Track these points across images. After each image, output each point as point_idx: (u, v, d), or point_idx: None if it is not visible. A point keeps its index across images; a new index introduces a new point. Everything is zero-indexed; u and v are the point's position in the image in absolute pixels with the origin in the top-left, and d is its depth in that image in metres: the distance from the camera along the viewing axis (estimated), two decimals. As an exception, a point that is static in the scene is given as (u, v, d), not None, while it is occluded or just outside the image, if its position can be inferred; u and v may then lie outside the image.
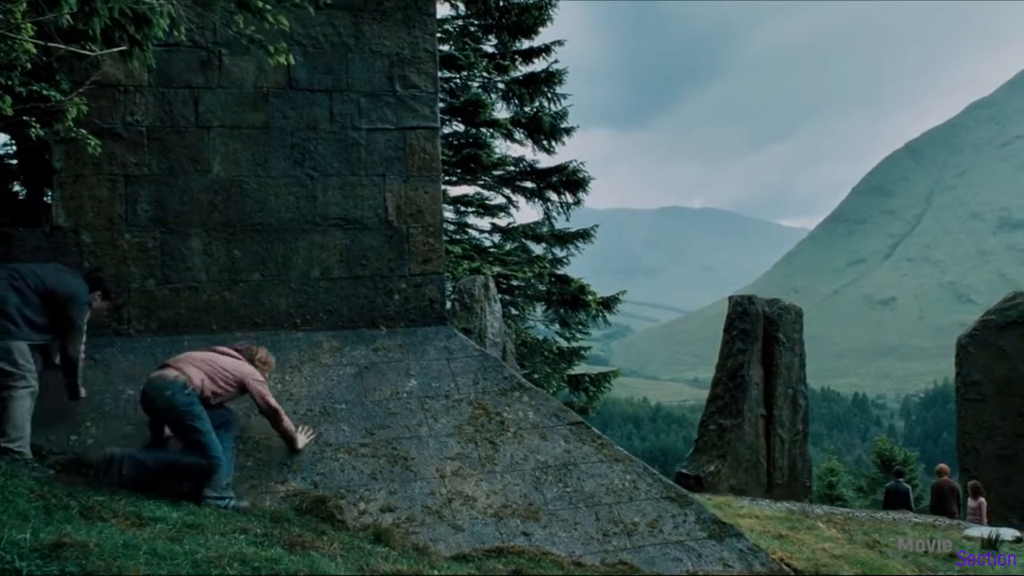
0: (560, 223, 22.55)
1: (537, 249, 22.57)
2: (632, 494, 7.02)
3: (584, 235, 22.79)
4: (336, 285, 8.02)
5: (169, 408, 6.17)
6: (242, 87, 7.85)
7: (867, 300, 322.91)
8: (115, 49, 5.66)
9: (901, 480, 22.14)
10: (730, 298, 23.45)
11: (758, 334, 22.36)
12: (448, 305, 9.93)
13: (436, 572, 5.57)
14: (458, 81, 21.61)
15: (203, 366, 6.42)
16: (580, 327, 22.56)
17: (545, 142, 21.95)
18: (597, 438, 7.52)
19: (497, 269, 19.99)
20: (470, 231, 22.65)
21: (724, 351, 22.71)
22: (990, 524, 18.40)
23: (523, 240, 22.48)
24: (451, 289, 14.86)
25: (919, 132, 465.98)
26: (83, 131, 6.41)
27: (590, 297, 21.53)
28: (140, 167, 7.65)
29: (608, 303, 22.37)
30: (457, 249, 19.32)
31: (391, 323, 8.13)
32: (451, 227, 21.76)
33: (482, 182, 22.29)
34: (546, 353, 21.42)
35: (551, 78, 21.80)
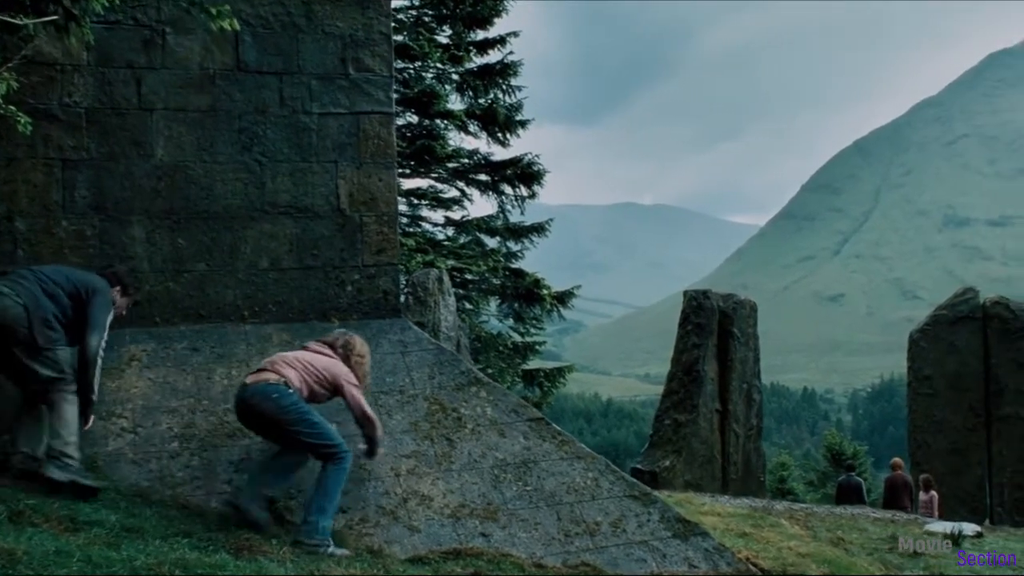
0: (514, 217, 22.34)
1: (491, 243, 22.35)
2: (594, 493, 6.77)
3: (539, 229, 22.61)
4: (286, 276, 7.68)
5: (278, 411, 5.76)
6: (187, 68, 7.47)
7: (816, 296, 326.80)
8: (46, 18, 5.29)
9: (853, 474, 22.20)
10: (685, 293, 23.38)
11: (713, 328, 22.29)
12: (401, 299, 9.62)
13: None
14: (412, 72, 21.30)
15: (299, 367, 6.03)
16: (534, 322, 22.38)
17: (500, 134, 21.73)
18: (557, 435, 7.27)
19: (451, 263, 19.74)
20: (423, 224, 22.38)
21: (679, 346, 22.62)
22: (941, 518, 18.48)
23: (477, 234, 22.27)
24: (404, 282, 14.63)
25: (867, 131, 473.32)
26: (12, 107, 5.99)
27: (545, 291, 21.35)
28: (78, 151, 7.24)
29: (563, 298, 22.21)
30: (411, 242, 19.02)
31: (343, 315, 7.80)
32: (404, 220, 21.45)
33: (436, 175, 22.03)
34: (500, 348, 21.21)
35: (506, 70, 21.56)
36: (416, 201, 21.93)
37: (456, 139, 21.48)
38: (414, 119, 21.05)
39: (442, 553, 6.01)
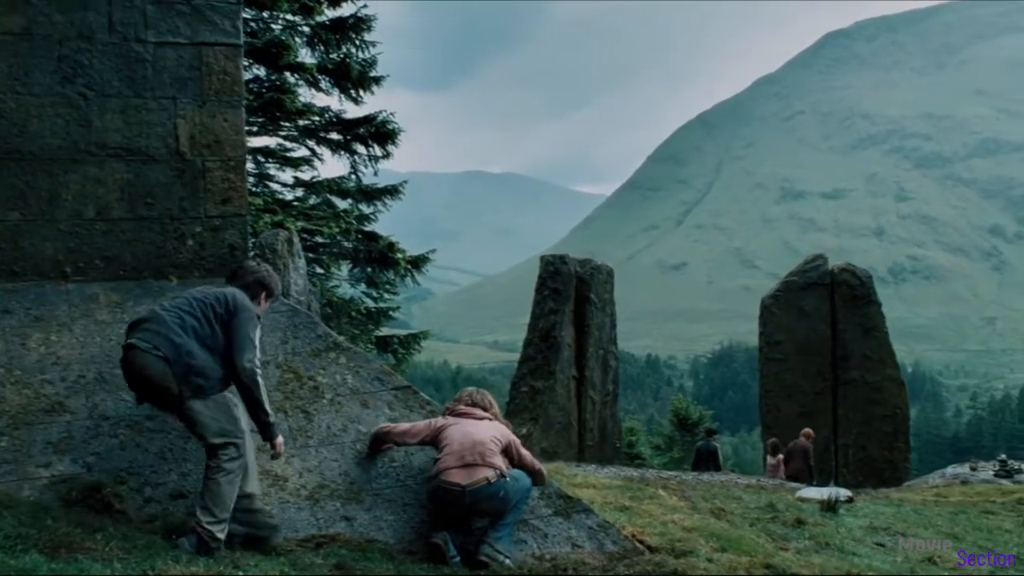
0: (367, 178, 21.45)
1: (343, 205, 21.42)
2: None
3: (392, 191, 21.81)
4: (116, 227, 6.70)
5: (505, 505, 5.64)
6: (-5, -16, 6.40)
7: (660, 265, 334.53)
8: None
9: (711, 439, 22.29)
10: (542, 258, 23.01)
11: (570, 294, 22.02)
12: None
13: (240, 573, 4.55)
14: (260, 22, 20.08)
15: (496, 447, 5.78)
16: (388, 287, 21.64)
17: (353, 91, 20.77)
18: (426, 404, 6.59)
19: (301, 224, 18.76)
20: (271, 184, 21.24)
21: (536, 312, 22.26)
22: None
23: (328, 195, 21.33)
24: (251, 244, 13.69)
25: (710, 104, 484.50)
26: None
27: (399, 255, 20.61)
28: None
29: (417, 262, 21.53)
30: (258, 201, 17.95)
31: (184, 273, 6.89)
32: (251, 179, 20.27)
33: (284, 133, 20.93)
34: (353, 314, 20.37)
35: (360, 24, 20.57)
36: (263, 159, 20.75)
37: (307, 95, 20.40)
38: (261, 72, 19.84)
39: (299, 542, 5.30)
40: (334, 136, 21.19)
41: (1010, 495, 11.95)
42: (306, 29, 20.57)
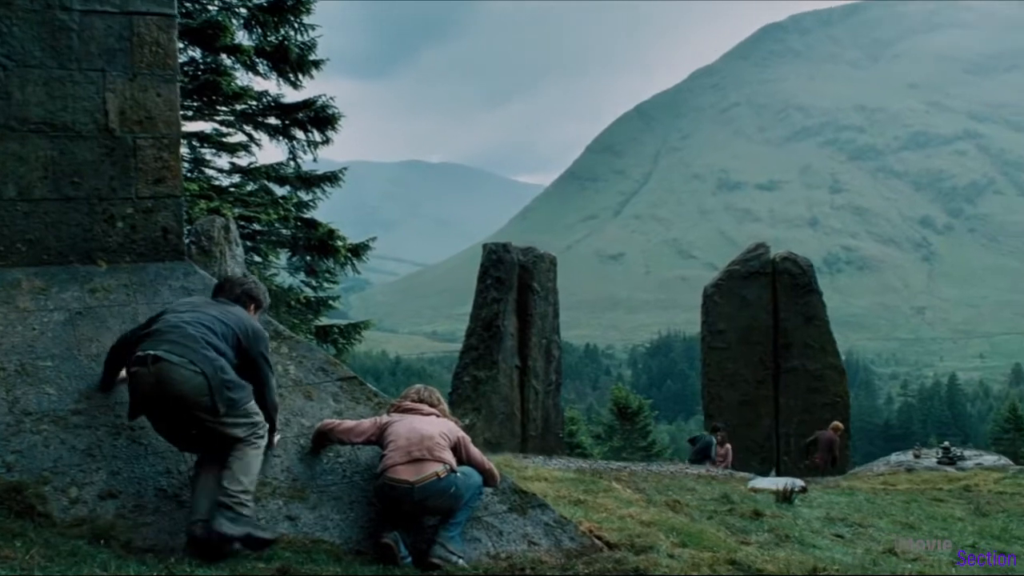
0: (306, 165, 20.93)
1: (281, 192, 20.88)
2: None
3: (332, 178, 21.30)
4: (39, 208, 6.24)
5: (456, 503, 5.38)
6: (-96, -55, 5.91)
7: (598, 255, 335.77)
8: None
9: (713, 434, 21.71)
10: (485, 246, 22.75)
11: (513, 283, 21.80)
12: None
13: (176, 580, 4.20)
14: (195, 2, 19.46)
15: (445, 442, 5.53)
16: (328, 275, 21.15)
17: (292, 75, 20.21)
18: (373, 396, 6.26)
19: (238, 211, 18.21)
20: (207, 170, 20.62)
21: (478, 300, 22.01)
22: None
23: (265, 182, 20.75)
24: (187, 231, 13.27)
25: (648, 95, 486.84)
26: None
27: (340, 243, 20.13)
28: None
29: (357, 250, 21.07)
30: (194, 187, 17.36)
31: (113, 257, 6.46)
32: (186, 164, 19.66)
33: (220, 118, 20.32)
34: (292, 303, 19.86)
35: (298, 6, 20.01)
36: (199, 144, 20.13)
37: (244, 79, 19.81)
38: (197, 54, 19.22)
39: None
40: (272, 121, 20.62)
41: (956, 482, 11.98)
42: (243, 11, 19.96)
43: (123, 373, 5.32)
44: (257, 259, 20.09)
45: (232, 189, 20.00)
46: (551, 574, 5.01)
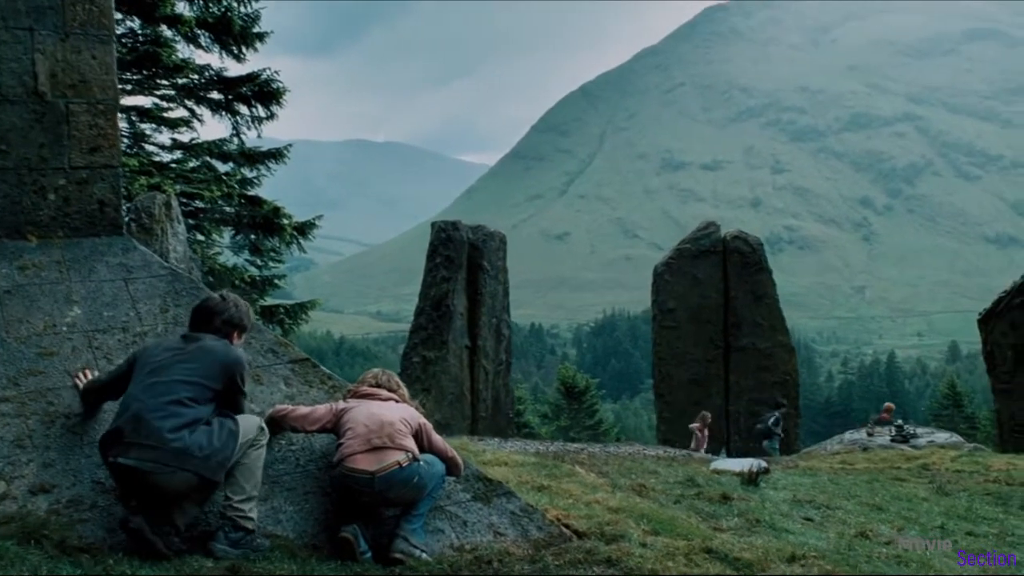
0: (251, 141, 20.39)
1: (224, 169, 20.32)
2: None
3: (277, 155, 20.80)
4: (-38, 179, 5.78)
5: (419, 493, 5.05)
6: None
7: (543, 234, 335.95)
8: None
9: (775, 410, 21.29)
10: (433, 224, 22.40)
11: (462, 262, 21.49)
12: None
13: (115, 582, 3.83)
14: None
15: (406, 428, 5.20)
16: (273, 254, 20.64)
17: (235, 47, 19.68)
18: (327, 379, 5.90)
19: (180, 187, 17.63)
20: (147, 146, 19.98)
21: (427, 280, 21.67)
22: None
23: (208, 158, 20.19)
24: (127, 208, 12.81)
25: (593, 75, 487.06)
26: None
27: (285, 221, 19.65)
28: None
29: (303, 228, 20.63)
30: (133, 163, 16.76)
31: (45, 232, 6.01)
32: (126, 139, 19.02)
33: (161, 92, 19.68)
34: (236, 282, 19.33)
35: (241, -26, 19.42)
36: (139, 119, 19.48)
37: (185, 51, 19.20)
38: (135, 24, 18.56)
39: (187, 535, 4.57)
40: (215, 96, 20.06)
41: (914, 460, 11.90)
42: (183, -21, 19.34)
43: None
44: (200, 237, 19.55)
45: (173, 165, 19.43)
46: (519, 567, 4.70)
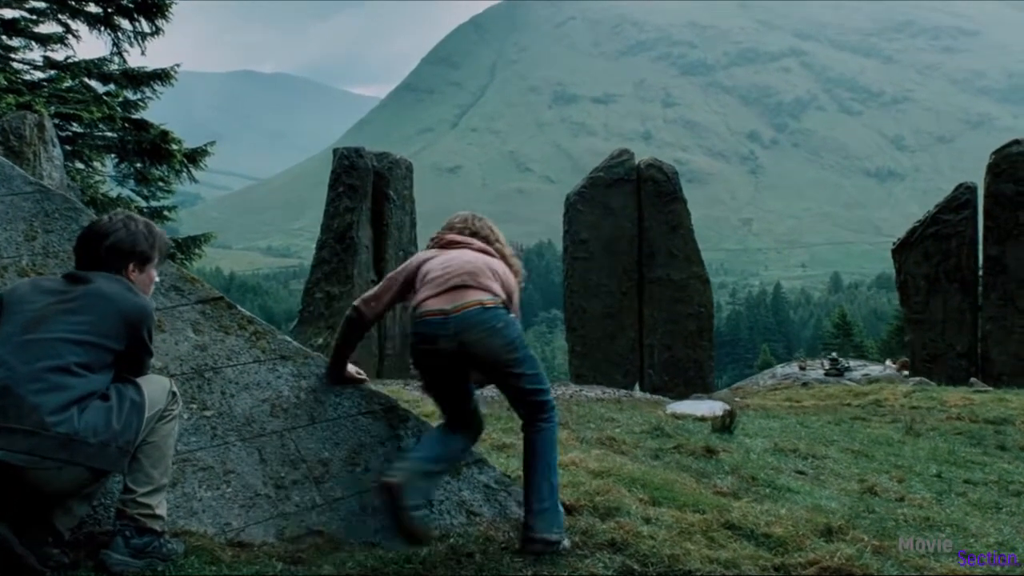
0: (134, 60, 18.69)
1: (105, 90, 18.62)
2: (314, 413, 4.32)
3: (164, 76, 19.17)
4: None
5: (506, 349, 3.90)
6: None
7: (435, 168, 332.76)
8: None
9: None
10: (335, 150, 21.15)
11: (367, 191, 20.28)
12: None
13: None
14: None
15: (492, 275, 4.10)
16: (161, 184, 19.08)
17: (114, -49, 17.86)
18: (248, 323, 4.65)
19: (54, 108, 15.96)
20: (15, 63, 18.12)
21: (330, 210, 20.41)
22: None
23: (86, 79, 18.44)
24: (-9, 127, 11.51)
25: (483, 7, 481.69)
26: None
27: (175, 147, 18.08)
28: None
29: (195, 156, 19.11)
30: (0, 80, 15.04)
31: None
32: (-12, 54, 17.21)
33: (30, 4, 17.84)
34: (122, 214, 17.75)
35: None
36: (4, 33, 17.62)
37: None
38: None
39: (70, 540, 3.42)
40: (92, 9, 18.26)
41: (863, 397, 11.38)
42: None
43: None
44: (80, 165, 17.91)
45: (46, 85, 17.62)
46: (508, 560, 3.69)
